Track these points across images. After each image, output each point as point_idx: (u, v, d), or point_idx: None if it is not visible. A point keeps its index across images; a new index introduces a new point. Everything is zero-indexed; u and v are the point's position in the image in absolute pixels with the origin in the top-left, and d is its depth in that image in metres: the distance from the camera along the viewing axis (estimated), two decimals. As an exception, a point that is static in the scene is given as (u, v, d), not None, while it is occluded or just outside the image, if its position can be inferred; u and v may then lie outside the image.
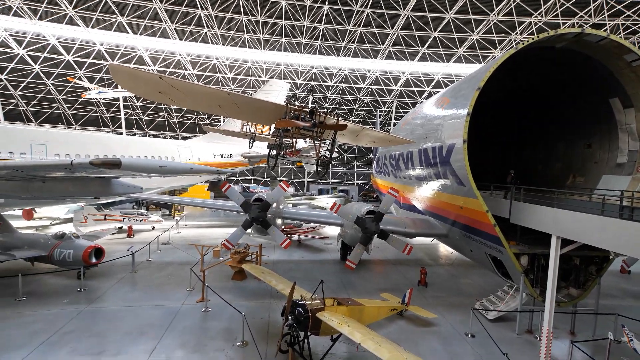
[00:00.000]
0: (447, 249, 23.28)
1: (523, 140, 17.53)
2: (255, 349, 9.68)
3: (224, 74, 45.43)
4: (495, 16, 34.72)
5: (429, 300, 14.23)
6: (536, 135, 16.56)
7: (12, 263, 15.58)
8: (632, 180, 11.43)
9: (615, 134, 12.27)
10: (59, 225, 27.17)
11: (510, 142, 18.11)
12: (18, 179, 12.38)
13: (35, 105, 46.70)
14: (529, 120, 16.82)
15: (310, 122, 10.73)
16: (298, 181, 56.74)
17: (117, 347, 9.90)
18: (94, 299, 13.31)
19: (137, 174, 12.18)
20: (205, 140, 31.89)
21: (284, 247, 13.11)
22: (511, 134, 17.90)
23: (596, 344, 10.84)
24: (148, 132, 52.46)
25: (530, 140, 17.09)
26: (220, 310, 12.33)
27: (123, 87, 11.96)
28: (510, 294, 12.67)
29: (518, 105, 16.78)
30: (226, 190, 13.17)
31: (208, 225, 30.88)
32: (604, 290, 14.01)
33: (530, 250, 11.56)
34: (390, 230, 14.21)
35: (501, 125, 17.58)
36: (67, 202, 23.85)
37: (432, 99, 20.38)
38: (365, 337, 7.82)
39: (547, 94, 15.11)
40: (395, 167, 22.31)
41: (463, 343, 11.01)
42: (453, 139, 12.78)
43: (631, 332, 9.50)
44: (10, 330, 10.66)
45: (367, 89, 49.24)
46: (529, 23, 35.50)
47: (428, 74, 46.05)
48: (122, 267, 16.90)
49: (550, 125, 15.57)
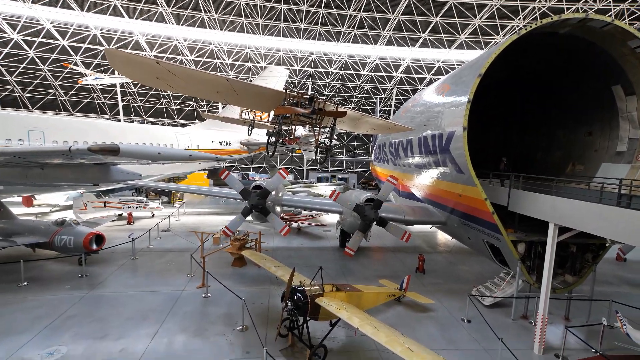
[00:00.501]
0: (445, 237, 23.47)
1: (524, 127, 17.43)
2: (255, 334, 9.85)
3: (222, 60, 44.72)
4: (498, 1, 33.98)
5: (427, 287, 14.43)
6: (537, 122, 16.45)
7: (13, 249, 15.69)
8: (631, 169, 11.43)
9: (615, 121, 12.20)
10: (59, 212, 27.25)
11: (511, 128, 18.01)
12: (17, 165, 12.32)
13: (31, 92, 46.08)
14: (530, 106, 16.68)
15: (309, 109, 10.61)
16: (297, 169, 56.67)
17: (119, 332, 10.08)
18: (95, 284, 13.47)
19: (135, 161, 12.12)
20: (203, 127, 31.65)
21: (283, 234, 13.19)
22: (512, 120, 17.78)
23: (590, 329, 11.06)
24: (146, 119, 52.00)
25: (531, 127, 16.99)
26: (221, 295, 12.51)
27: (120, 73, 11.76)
28: (506, 280, 12.85)
29: (519, 91, 16.63)
30: (225, 178, 13.15)
31: (207, 213, 31.00)
32: (600, 277, 14.24)
33: (527, 237, 11.66)
34: (389, 217, 14.27)
35: (502, 109, 17.43)
36: (66, 189, 23.85)
37: (433, 86, 20.15)
38: (363, 322, 7.95)
39: (549, 80, 14.93)
40: (394, 155, 22.25)
41: (459, 328, 11.23)
42: (453, 127, 12.70)
43: (624, 318, 9.69)
44: (13, 314, 10.82)
45: (367, 76, 48.61)
46: (533, 8, 34.79)
47: (429, 60, 45.39)
48: (123, 254, 17.05)
49: (552, 112, 15.45)
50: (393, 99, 49.43)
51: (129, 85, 47.40)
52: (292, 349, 9.51)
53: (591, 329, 11.04)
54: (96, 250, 15.31)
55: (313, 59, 45.98)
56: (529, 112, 16.89)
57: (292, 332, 9.65)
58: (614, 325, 10.25)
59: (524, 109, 17.10)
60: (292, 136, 13.12)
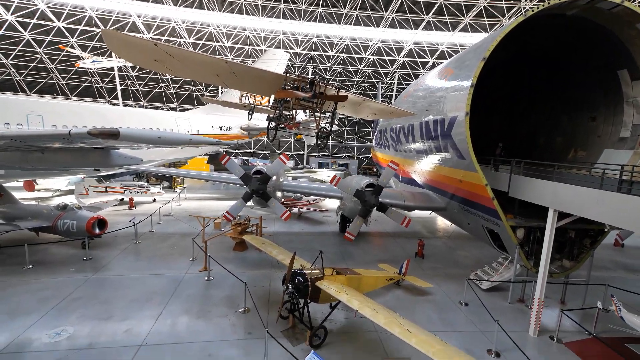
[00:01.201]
0: (444, 222, 23.64)
1: (527, 112, 17.23)
2: (257, 316, 10.08)
3: (221, 43, 43.85)
4: (505, -19, 32.99)
5: (426, 271, 14.64)
6: (540, 107, 16.25)
7: (17, 233, 15.87)
8: (633, 155, 11.35)
9: (620, 107, 12.03)
10: (61, 196, 27.40)
11: (514, 113, 17.81)
12: (17, 149, 12.30)
13: (28, 75, 45.47)
14: (534, 90, 16.44)
15: (310, 93, 10.48)
16: (298, 154, 56.51)
17: (124, 313, 10.31)
18: (99, 267, 13.69)
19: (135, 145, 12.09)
20: (203, 112, 31.36)
21: (284, 219, 13.26)
22: (515, 105, 17.57)
23: (585, 312, 11.28)
24: (145, 103, 51.50)
25: (534, 112, 16.79)
26: (223, 279, 12.72)
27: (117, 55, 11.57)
28: (504, 265, 13.01)
29: (524, 74, 16.33)
30: (226, 163, 13.12)
31: (208, 198, 31.13)
32: (597, 262, 14.41)
33: (526, 223, 11.72)
34: (389, 203, 14.32)
35: (506, 91, 17.17)
36: (67, 173, 23.88)
37: (436, 69, 19.80)
38: (363, 304, 8.10)
39: (554, 64, 14.65)
40: (395, 141, 22.12)
41: (457, 311, 11.46)
42: (455, 112, 12.55)
43: (619, 302, 9.87)
44: (20, 296, 11.05)
45: (369, 60, 47.73)
46: (541, -11, 33.79)
47: (432, 43, 44.43)
48: (126, 238, 17.24)
49: (556, 97, 15.24)
50: (395, 83, 48.71)
51: (127, 69, 46.70)
52: (293, 330, 9.74)
53: (586, 312, 11.25)
54: (99, 234, 15.47)
55: (314, 42, 45.05)
56: (532, 96, 16.65)
57: (293, 314, 9.87)
58: (609, 309, 10.43)
59: (527, 92, 16.84)
60: (293, 121, 13.01)
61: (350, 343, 9.30)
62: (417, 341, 6.68)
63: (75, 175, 25.34)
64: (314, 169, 46.00)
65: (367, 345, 9.27)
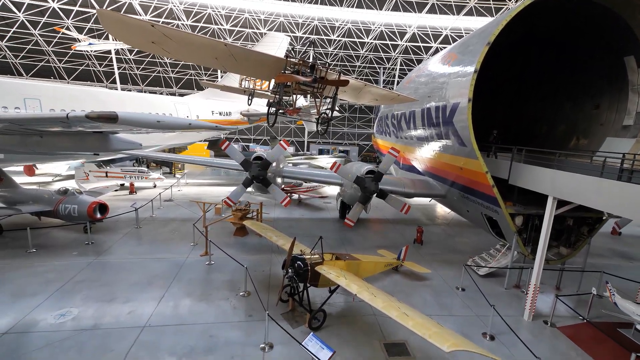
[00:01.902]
0: (444, 209, 23.76)
1: (529, 99, 17.03)
2: (257, 299, 10.27)
3: (220, 26, 42.93)
4: (513, -38, 31.99)
5: (424, 257, 14.82)
6: (544, 94, 16.05)
7: (19, 217, 15.98)
8: (635, 143, 11.29)
9: (625, 94, 11.88)
10: (61, 181, 27.42)
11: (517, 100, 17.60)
12: (15, 133, 12.24)
13: (24, 58, 44.72)
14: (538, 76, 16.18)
15: (310, 77, 10.34)
16: (298, 141, 56.23)
17: (127, 295, 10.50)
18: (101, 251, 13.85)
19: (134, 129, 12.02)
20: (203, 97, 31.02)
21: (284, 205, 13.32)
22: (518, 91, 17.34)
23: (579, 298, 11.47)
24: (143, 87, 50.85)
25: (537, 99, 16.59)
26: (223, 263, 12.88)
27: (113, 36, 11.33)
28: (502, 252, 13.16)
29: (528, 59, 16.04)
30: (226, 148, 13.08)
31: (209, 184, 31.18)
32: (593, 250, 14.57)
33: (525, 210, 11.78)
34: (389, 190, 14.34)
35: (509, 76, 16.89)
36: (66, 158, 23.84)
37: (439, 55, 19.45)
38: (361, 288, 8.23)
39: (560, 48, 14.37)
40: (396, 127, 21.96)
41: (453, 296, 11.67)
42: (457, 98, 12.41)
43: (614, 288, 10.03)
44: (24, 278, 11.21)
45: (371, 44, 46.83)
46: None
47: (436, 27, 43.48)
48: (127, 223, 17.36)
49: (560, 83, 15.03)
50: (397, 69, 47.97)
51: (124, 52, 45.88)
52: (292, 313, 9.94)
53: (580, 298, 11.45)
54: (100, 219, 15.57)
55: (315, 25, 44.08)
56: (536, 82, 16.41)
57: (293, 297, 10.05)
58: (603, 295, 10.62)
59: (531, 78, 16.59)
60: (293, 106, 12.89)
61: (349, 326, 9.51)
62: (414, 324, 6.83)
63: (75, 160, 25.28)
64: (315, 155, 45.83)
65: (365, 328, 9.48)
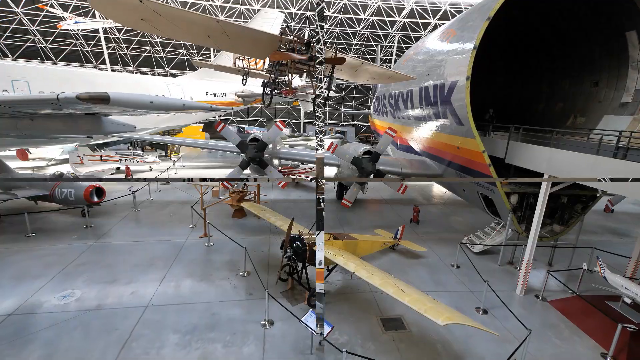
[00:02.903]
0: (440, 189, 23.94)
1: (527, 77, 16.82)
2: (257, 278, 10.48)
3: (212, 2, 41.32)
4: None
5: (420, 236, 15.07)
6: (541, 72, 15.84)
7: (15, 202, 15.92)
8: (632, 121, 11.29)
9: (624, 70, 11.76)
10: (56, 166, 27.16)
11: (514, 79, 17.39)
12: (5, 115, 11.94)
13: (8, 38, 43.03)
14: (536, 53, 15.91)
15: (306, 55, 10.09)
16: (295, 122, 55.61)
17: (129, 277, 10.66)
18: (100, 235, 13.92)
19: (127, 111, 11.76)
20: (196, 77, 30.26)
21: (281, 187, 13.35)
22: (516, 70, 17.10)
23: (570, 273, 11.82)
24: (134, 68, 49.49)
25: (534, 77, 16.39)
26: (223, 245, 13.04)
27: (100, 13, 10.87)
28: (496, 230, 13.39)
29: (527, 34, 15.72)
30: (221, 130, 12.89)
31: (205, 166, 31.03)
32: (586, 227, 14.86)
33: (520, 189, 11.90)
34: (386, 170, 14.38)
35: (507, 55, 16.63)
36: (59, 141, 23.41)
37: (437, 31, 18.97)
38: (359, 266, 8.41)
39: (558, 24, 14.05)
40: (394, 107, 21.72)
41: (448, 272, 11.96)
42: (456, 76, 12.23)
43: (604, 263, 10.30)
44: (25, 262, 11.32)
45: (368, 21, 45.48)
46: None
47: (435, 2, 42.15)
48: (124, 206, 17.38)
49: (558, 61, 14.81)
50: (395, 47, 46.85)
51: (112, 31, 44.27)
52: (292, 291, 10.18)
53: (571, 273, 11.80)
54: (97, 203, 15.55)
55: (309, 0, 42.55)
56: (534, 60, 16.16)
57: (292, 276, 10.26)
58: (593, 270, 10.92)
59: (530, 54, 16.31)
60: (289, 86, 12.63)
61: (347, 302, 9.77)
62: (410, 300, 7.03)
63: (68, 144, 24.90)
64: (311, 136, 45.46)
65: (363, 304, 9.75)
